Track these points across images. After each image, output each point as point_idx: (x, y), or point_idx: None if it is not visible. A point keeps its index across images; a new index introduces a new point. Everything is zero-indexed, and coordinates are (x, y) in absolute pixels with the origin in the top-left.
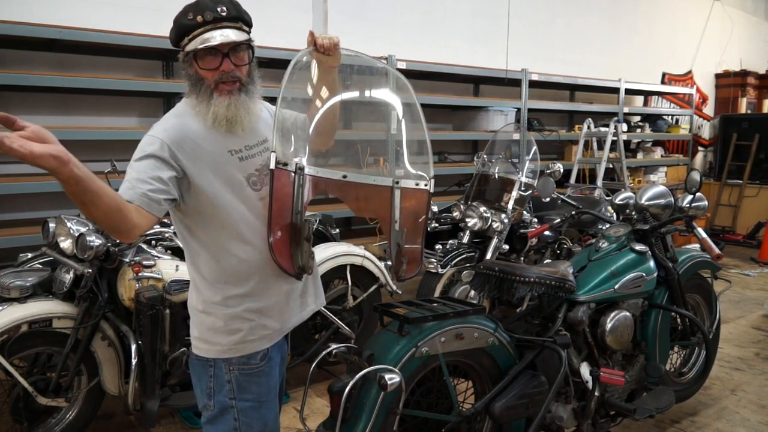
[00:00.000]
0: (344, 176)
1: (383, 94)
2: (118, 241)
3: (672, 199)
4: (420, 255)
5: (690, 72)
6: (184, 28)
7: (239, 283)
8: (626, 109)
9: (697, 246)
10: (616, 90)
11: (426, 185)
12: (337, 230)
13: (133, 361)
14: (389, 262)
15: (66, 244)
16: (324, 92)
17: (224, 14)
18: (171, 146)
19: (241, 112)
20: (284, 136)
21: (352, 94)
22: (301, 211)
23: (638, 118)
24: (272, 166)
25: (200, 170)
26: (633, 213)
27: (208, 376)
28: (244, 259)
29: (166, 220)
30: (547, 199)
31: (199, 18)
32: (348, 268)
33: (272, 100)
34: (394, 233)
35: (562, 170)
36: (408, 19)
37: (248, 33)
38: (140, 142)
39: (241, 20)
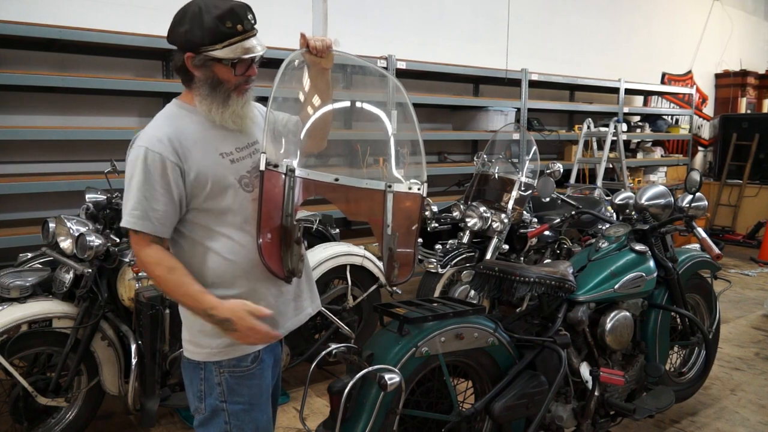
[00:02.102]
0: (336, 179)
1: (376, 95)
2: (118, 240)
3: (672, 199)
4: (413, 259)
5: (690, 72)
6: (220, 35)
7: (228, 285)
8: (626, 109)
9: (696, 246)
10: (615, 90)
11: (419, 189)
12: (337, 230)
13: (133, 361)
14: None
15: (66, 244)
16: (316, 94)
17: (253, 23)
18: (170, 158)
19: (253, 109)
20: (275, 138)
21: (345, 96)
22: (292, 214)
23: (638, 118)
24: (262, 167)
25: (193, 175)
26: (633, 213)
27: (199, 379)
28: (233, 261)
29: None
30: (547, 199)
31: (239, 27)
32: (348, 268)
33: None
34: (386, 237)
35: (561, 170)
36: (407, 19)
37: None
38: (138, 155)
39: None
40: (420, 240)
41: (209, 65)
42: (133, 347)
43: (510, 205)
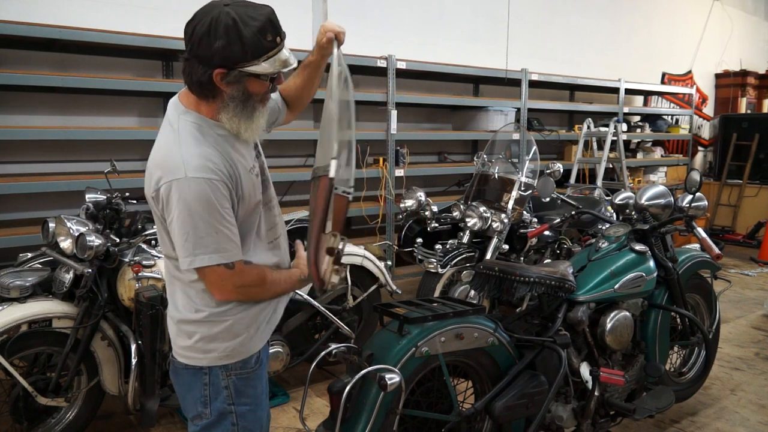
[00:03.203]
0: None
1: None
2: (117, 240)
3: (672, 199)
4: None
5: (690, 72)
6: (261, 49)
7: (251, 302)
8: (626, 109)
9: (696, 246)
10: (615, 90)
11: (345, 192)
12: None
13: (133, 361)
14: (389, 262)
15: (66, 243)
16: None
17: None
18: (229, 184)
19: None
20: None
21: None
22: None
23: (638, 118)
24: (332, 174)
25: (239, 199)
26: (633, 213)
27: (203, 384)
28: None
29: None
30: (547, 199)
31: (278, 39)
32: (348, 268)
33: None
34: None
35: (561, 170)
36: (407, 19)
37: None
38: (201, 189)
39: None
40: (419, 240)
41: (243, 80)
42: (133, 347)
43: (510, 205)
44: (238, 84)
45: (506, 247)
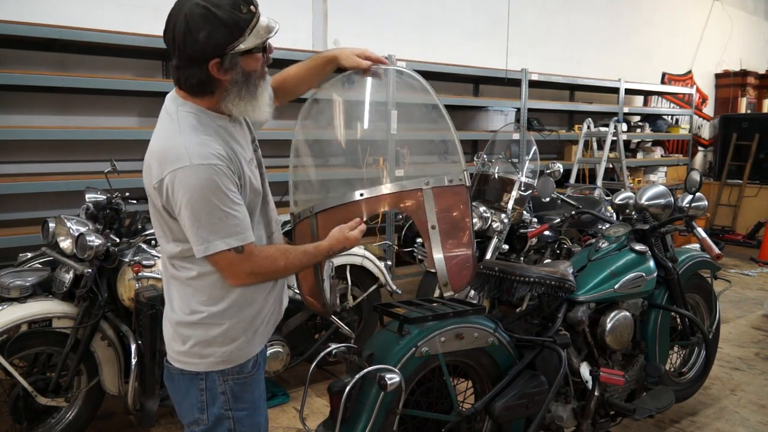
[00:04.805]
0: (361, 194)
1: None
2: (117, 240)
3: (672, 199)
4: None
5: (690, 72)
6: (242, 23)
7: (249, 303)
8: (626, 109)
9: (696, 246)
10: (615, 90)
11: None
12: None
13: (133, 361)
14: (389, 262)
15: (66, 243)
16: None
17: None
18: (232, 168)
19: None
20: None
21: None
22: None
23: (638, 118)
24: (468, 182)
25: (242, 188)
26: (633, 213)
27: (198, 390)
28: None
29: None
30: (547, 199)
31: (252, 7)
32: (348, 268)
33: None
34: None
35: (561, 170)
36: (408, 19)
37: None
38: (207, 175)
39: None
40: (419, 240)
41: (237, 62)
42: (133, 347)
43: (510, 205)
44: (235, 68)
45: (506, 247)
